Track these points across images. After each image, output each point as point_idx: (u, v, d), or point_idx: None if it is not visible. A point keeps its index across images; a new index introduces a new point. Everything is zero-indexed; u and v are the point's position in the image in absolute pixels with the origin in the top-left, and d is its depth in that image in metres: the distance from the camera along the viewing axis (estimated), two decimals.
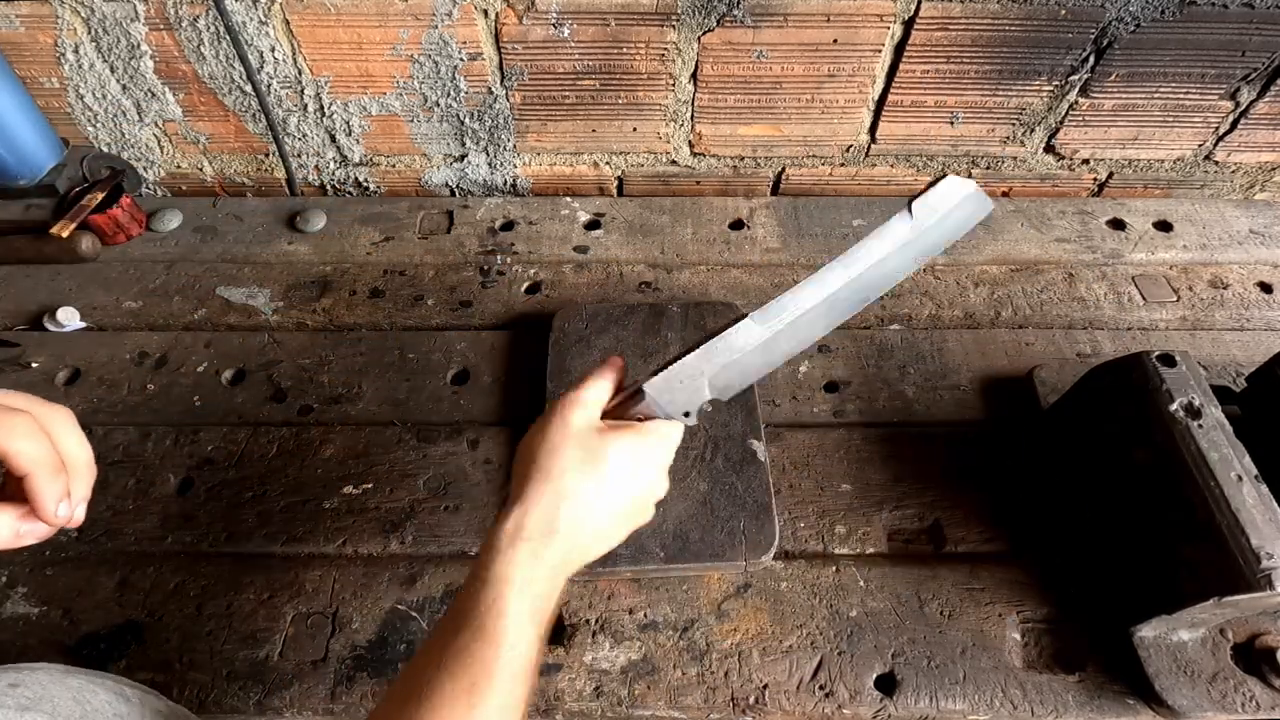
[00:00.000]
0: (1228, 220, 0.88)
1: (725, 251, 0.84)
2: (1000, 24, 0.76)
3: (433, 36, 0.78)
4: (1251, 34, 0.76)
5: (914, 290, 0.80)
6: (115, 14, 0.77)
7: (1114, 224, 0.87)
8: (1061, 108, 0.85)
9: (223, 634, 0.57)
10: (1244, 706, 0.53)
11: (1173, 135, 0.88)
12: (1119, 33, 0.76)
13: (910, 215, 0.43)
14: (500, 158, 0.92)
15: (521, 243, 0.85)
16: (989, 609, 0.59)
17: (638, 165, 0.93)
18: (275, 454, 0.67)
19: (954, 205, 0.43)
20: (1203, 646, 0.55)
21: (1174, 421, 0.53)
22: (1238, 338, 0.76)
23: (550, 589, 0.41)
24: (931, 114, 0.85)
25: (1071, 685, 0.55)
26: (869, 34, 0.77)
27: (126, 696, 0.47)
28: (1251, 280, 0.81)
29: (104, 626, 0.57)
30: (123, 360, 0.74)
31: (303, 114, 0.86)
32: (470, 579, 0.41)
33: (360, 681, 0.55)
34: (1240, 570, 0.48)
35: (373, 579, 0.60)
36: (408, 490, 0.65)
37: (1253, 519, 0.49)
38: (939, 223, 0.43)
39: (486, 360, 0.74)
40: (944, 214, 0.43)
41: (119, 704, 0.45)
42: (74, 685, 0.44)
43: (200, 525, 0.63)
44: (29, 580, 0.60)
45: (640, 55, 0.79)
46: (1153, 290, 0.81)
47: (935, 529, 0.63)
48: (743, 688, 0.55)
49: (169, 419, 0.70)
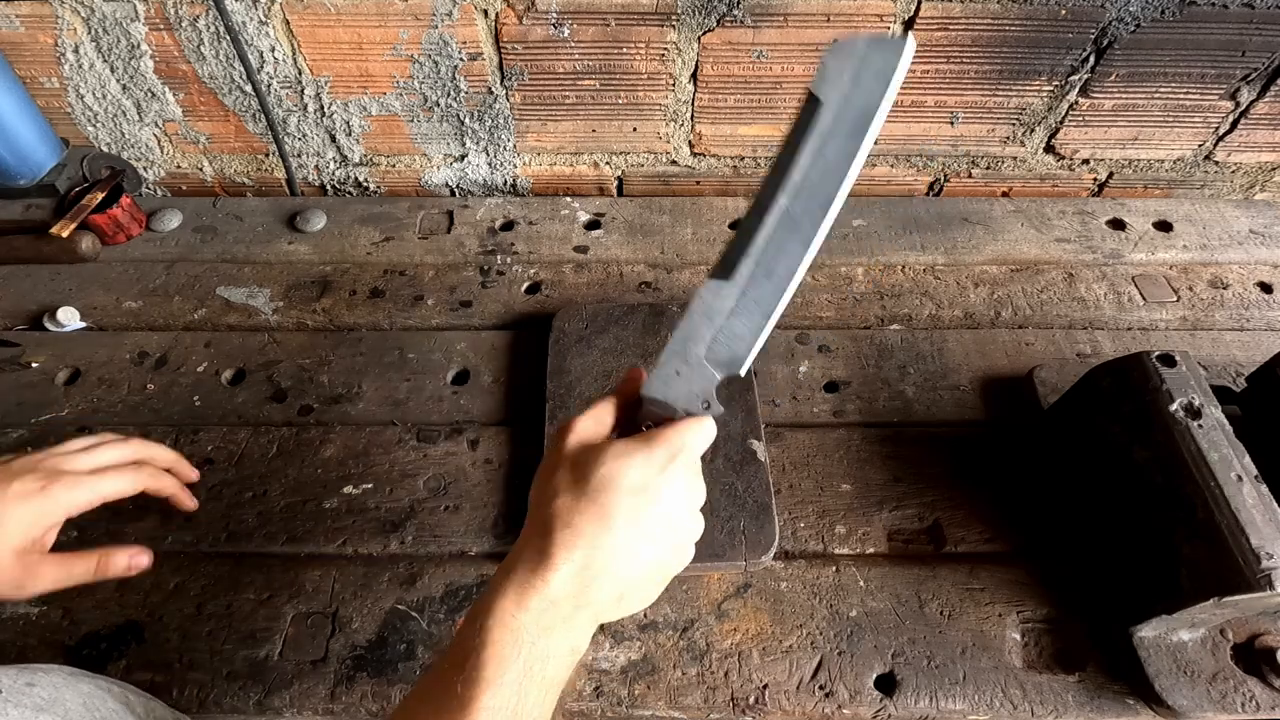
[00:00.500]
0: (1228, 220, 0.88)
1: None
2: (1000, 24, 0.76)
3: (433, 36, 0.78)
4: (1251, 34, 0.76)
5: (914, 290, 0.80)
6: (115, 14, 0.77)
7: (1114, 224, 0.87)
8: (1061, 108, 0.85)
9: (222, 634, 0.57)
10: (1244, 707, 0.53)
11: (1173, 135, 0.88)
12: (1119, 33, 0.76)
13: (816, 100, 0.37)
14: (500, 158, 0.92)
15: (521, 243, 0.85)
16: (989, 609, 0.59)
17: (638, 165, 0.93)
18: (275, 454, 0.67)
19: (858, 62, 0.37)
20: (1203, 647, 0.55)
21: (1174, 421, 0.53)
22: (1238, 338, 0.76)
23: (539, 637, 0.36)
24: (931, 114, 0.85)
25: (1071, 685, 0.55)
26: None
27: (131, 705, 0.47)
28: (1251, 280, 0.81)
29: (104, 626, 0.57)
30: (122, 360, 0.74)
31: (303, 114, 0.86)
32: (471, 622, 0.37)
33: (360, 681, 0.55)
34: (1240, 570, 0.48)
35: (372, 579, 0.60)
36: (408, 490, 0.65)
37: (1253, 519, 0.49)
38: (852, 86, 0.37)
39: (486, 360, 0.74)
40: (852, 74, 0.37)
41: (125, 714, 0.46)
42: (84, 691, 0.44)
43: (200, 525, 0.63)
44: None
45: (640, 55, 0.79)
46: (1153, 290, 0.81)
47: (935, 529, 0.63)
48: (743, 688, 0.55)
49: (169, 419, 0.70)
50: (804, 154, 0.38)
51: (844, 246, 0.84)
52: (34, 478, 0.48)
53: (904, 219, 0.87)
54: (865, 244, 0.85)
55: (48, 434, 0.68)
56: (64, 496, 0.49)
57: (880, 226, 0.87)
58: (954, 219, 0.88)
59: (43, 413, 0.69)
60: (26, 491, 0.48)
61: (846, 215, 0.88)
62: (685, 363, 0.41)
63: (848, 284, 0.81)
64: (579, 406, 0.56)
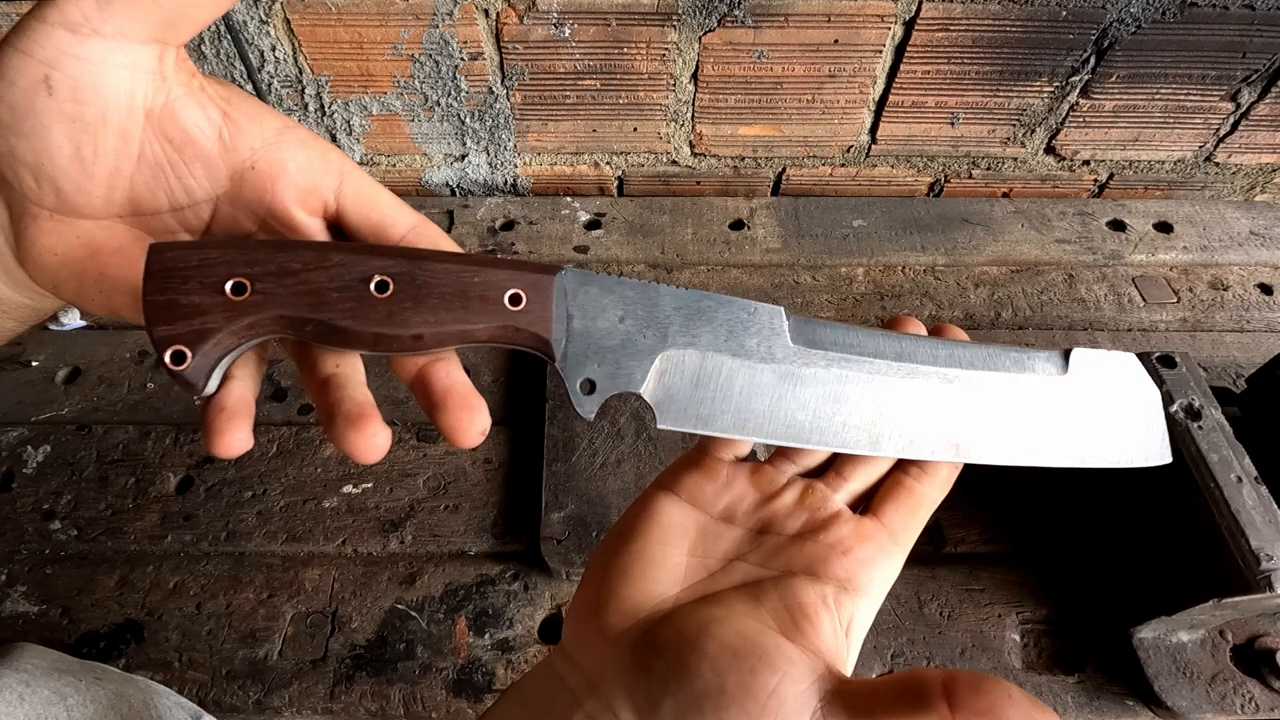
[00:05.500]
0: (1228, 222, 0.88)
1: (725, 252, 0.84)
2: (1001, 25, 0.76)
3: (433, 36, 0.78)
4: (1252, 35, 0.76)
5: (914, 291, 0.80)
6: None
7: (1114, 225, 0.87)
8: (1062, 109, 0.85)
9: (222, 633, 0.57)
10: (1243, 708, 0.53)
11: (1173, 137, 0.88)
12: (1120, 34, 0.76)
13: (1064, 364, 0.32)
14: (501, 157, 0.92)
15: (522, 242, 0.85)
16: (988, 610, 0.59)
17: (638, 165, 0.93)
18: (275, 453, 0.67)
19: (1117, 372, 0.33)
20: (1202, 648, 0.55)
21: (1174, 423, 0.53)
22: (1238, 339, 0.76)
23: None
24: (932, 114, 0.85)
25: (1071, 686, 0.55)
26: (870, 34, 0.77)
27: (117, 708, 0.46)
28: (1252, 282, 0.81)
29: (103, 625, 0.57)
30: (123, 359, 0.74)
31: (303, 113, 0.86)
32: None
33: (359, 680, 0.55)
34: (1240, 571, 0.48)
35: (372, 578, 0.60)
36: (407, 490, 0.65)
37: (1252, 520, 0.49)
38: (1093, 380, 0.32)
39: (486, 360, 0.74)
40: (1104, 373, 0.32)
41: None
42: (44, 697, 0.42)
43: (200, 524, 0.63)
44: (28, 579, 0.60)
45: (641, 55, 0.79)
46: (1153, 291, 0.81)
47: (935, 529, 0.63)
48: None
49: (169, 418, 0.70)
50: (980, 363, 0.32)
51: (844, 246, 0.84)
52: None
53: (904, 219, 0.87)
54: (865, 244, 0.85)
55: (48, 433, 0.68)
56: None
57: (880, 227, 0.87)
58: (954, 219, 0.88)
59: (42, 411, 0.69)
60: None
61: (848, 215, 0.88)
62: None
63: (848, 284, 0.81)
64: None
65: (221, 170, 0.28)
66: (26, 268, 0.27)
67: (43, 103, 0.24)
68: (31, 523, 0.63)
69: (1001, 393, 0.32)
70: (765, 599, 0.28)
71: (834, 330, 0.31)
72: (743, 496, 0.32)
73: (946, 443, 0.31)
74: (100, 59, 0.25)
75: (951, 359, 0.32)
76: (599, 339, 0.28)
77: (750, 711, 0.24)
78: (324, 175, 0.29)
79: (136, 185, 0.27)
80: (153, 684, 0.50)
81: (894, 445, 0.31)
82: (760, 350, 0.30)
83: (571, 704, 0.28)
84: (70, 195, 0.26)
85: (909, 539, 0.31)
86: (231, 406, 0.26)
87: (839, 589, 0.28)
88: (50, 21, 0.24)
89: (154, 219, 0.28)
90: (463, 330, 0.27)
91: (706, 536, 0.31)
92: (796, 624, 0.27)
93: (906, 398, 0.31)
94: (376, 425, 0.27)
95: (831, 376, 0.30)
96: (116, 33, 0.24)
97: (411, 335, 0.27)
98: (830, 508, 0.31)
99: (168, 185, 0.27)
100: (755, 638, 0.26)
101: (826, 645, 0.27)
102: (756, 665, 0.25)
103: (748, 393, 0.29)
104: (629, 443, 0.66)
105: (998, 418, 0.32)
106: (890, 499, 0.32)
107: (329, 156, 0.29)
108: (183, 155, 0.27)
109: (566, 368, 0.28)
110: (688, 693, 0.25)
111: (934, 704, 0.22)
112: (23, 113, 0.24)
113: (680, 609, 0.28)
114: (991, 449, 0.31)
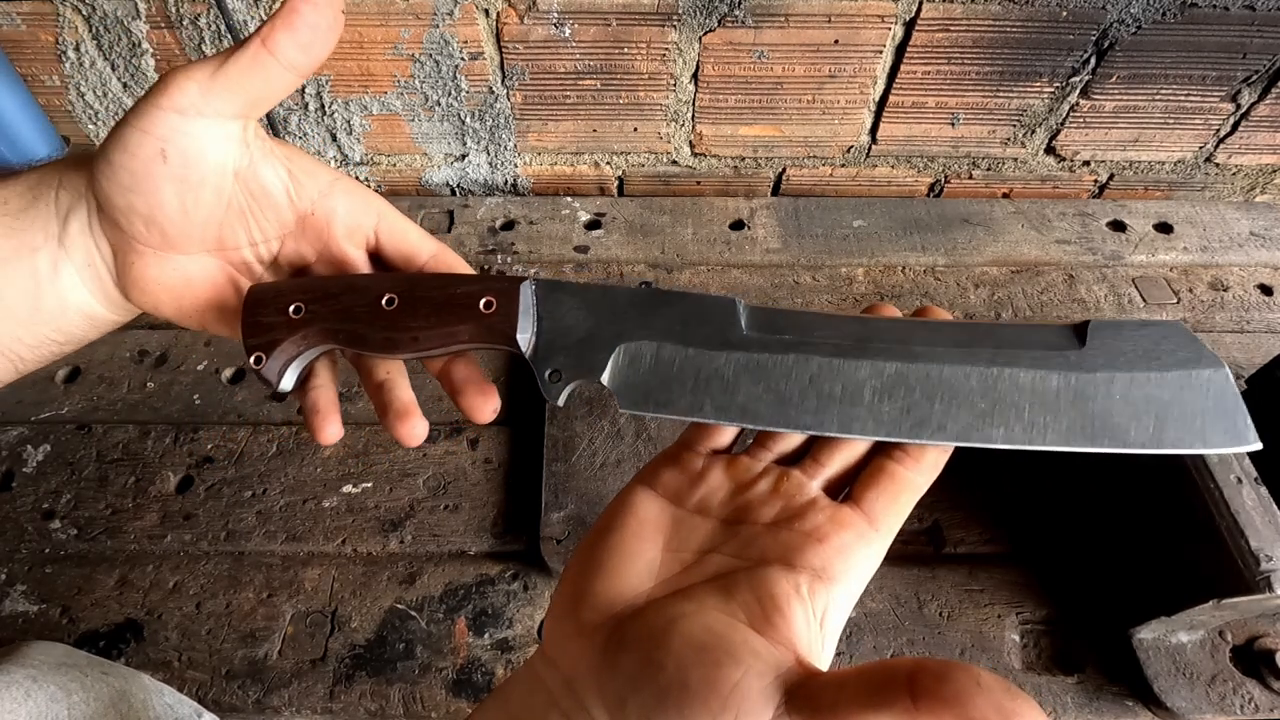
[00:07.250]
0: (1228, 222, 0.88)
1: (726, 252, 0.84)
2: (1001, 25, 0.76)
3: (434, 36, 0.78)
4: (1253, 36, 0.76)
5: (914, 291, 0.80)
6: (116, 12, 0.77)
7: (1114, 226, 0.87)
8: (1062, 109, 0.85)
9: (221, 632, 0.57)
10: (1243, 708, 0.53)
11: (1173, 137, 0.88)
12: (1120, 34, 0.76)
13: (1077, 339, 0.31)
14: (501, 157, 0.92)
15: (522, 242, 0.85)
16: (988, 610, 0.59)
17: (638, 165, 0.93)
18: (275, 453, 0.67)
19: (1144, 331, 0.30)
20: (1202, 648, 0.55)
21: None
22: (1238, 340, 0.76)
23: None
24: (932, 115, 0.85)
25: (1070, 687, 0.55)
26: (870, 35, 0.77)
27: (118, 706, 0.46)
28: (1252, 282, 0.81)
29: (103, 624, 0.57)
30: (122, 358, 0.74)
31: (303, 113, 0.86)
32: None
33: (359, 680, 0.55)
34: (1239, 572, 0.48)
35: (372, 578, 0.60)
36: (407, 490, 0.65)
37: (1252, 521, 0.49)
38: (1117, 347, 0.30)
39: (487, 363, 0.74)
40: (1127, 339, 0.30)
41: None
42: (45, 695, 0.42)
43: (199, 524, 0.63)
44: (28, 578, 0.60)
45: (641, 55, 0.79)
46: (1153, 292, 0.81)
47: (935, 529, 0.63)
48: None
49: (169, 417, 0.70)
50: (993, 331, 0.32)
51: (844, 247, 0.84)
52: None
53: (904, 220, 0.87)
54: (865, 244, 0.85)
55: (47, 432, 0.68)
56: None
57: (880, 227, 0.87)
58: (954, 220, 0.88)
59: (42, 410, 0.69)
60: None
61: (848, 215, 0.88)
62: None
63: (848, 284, 0.81)
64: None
65: (289, 215, 0.35)
66: (130, 294, 0.34)
67: (158, 169, 0.31)
68: (31, 522, 0.63)
69: (990, 371, 0.31)
70: (737, 591, 0.28)
71: (793, 316, 0.33)
72: (717, 488, 0.32)
73: (918, 423, 0.31)
74: (202, 133, 0.31)
75: (931, 339, 0.32)
76: (564, 335, 0.32)
77: (712, 707, 0.24)
78: (365, 216, 0.36)
79: (224, 229, 0.34)
80: (157, 682, 0.50)
81: (864, 426, 0.31)
82: (715, 338, 0.32)
83: (548, 704, 0.28)
84: (173, 238, 0.33)
85: (891, 526, 0.30)
86: (323, 408, 0.36)
87: (813, 578, 0.28)
88: (164, 107, 0.30)
89: (234, 252, 0.35)
90: (448, 331, 0.33)
91: (681, 530, 0.31)
92: (767, 616, 0.27)
93: (872, 378, 0.31)
94: (417, 418, 0.35)
95: (790, 359, 0.31)
96: (215, 113, 0.31)
97: (410, 337, 0.33)
98: (806, 495, 0.31)
99: (247, 227, 0.34)
100: (722, 631, 0.26)
101: (798, 637, 0.26)
102: (720, 659, 0.25)
103: (704, 376, 0.31)
104: (629, 443, 0.66)
105: (981, 399, 0.31)
106: (872, 485, 0.31)
107: (370, 201, 0.36)
108: (259, 204, 0.34)
109: (536, 361, 0.32)
110: (652, 688, 0.25)
111: (897, 694, 0.22)
112: (141, 177, 0.31)
113: (650, 604, 0.29)
114: (971, 431, 0.31)
